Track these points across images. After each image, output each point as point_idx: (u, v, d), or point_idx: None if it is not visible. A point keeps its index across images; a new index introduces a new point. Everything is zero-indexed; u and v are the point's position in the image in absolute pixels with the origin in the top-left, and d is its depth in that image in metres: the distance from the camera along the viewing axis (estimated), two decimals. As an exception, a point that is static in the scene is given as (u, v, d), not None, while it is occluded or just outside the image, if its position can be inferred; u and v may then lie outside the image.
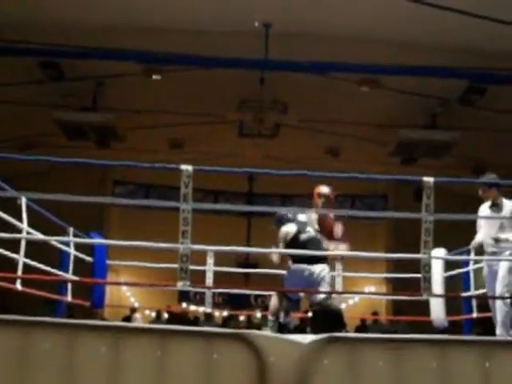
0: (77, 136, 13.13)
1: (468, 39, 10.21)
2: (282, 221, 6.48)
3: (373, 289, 17.42)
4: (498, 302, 6.02)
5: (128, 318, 13.55)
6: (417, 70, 10.99)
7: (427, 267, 5.03)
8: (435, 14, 9.35)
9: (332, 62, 10.74)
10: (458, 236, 7.24)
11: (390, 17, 9.93)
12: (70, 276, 7.30)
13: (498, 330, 5.96)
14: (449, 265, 7.24)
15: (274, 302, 6.32)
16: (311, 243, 6.21)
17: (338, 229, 6.35)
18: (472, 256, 6.87)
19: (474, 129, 12.40)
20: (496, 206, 6.27)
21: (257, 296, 18.13)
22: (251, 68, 11.18)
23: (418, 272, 5.12)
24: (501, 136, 12.56)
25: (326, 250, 6.25)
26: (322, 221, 6.37)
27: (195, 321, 13.97)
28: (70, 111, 12.54)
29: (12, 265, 6.03)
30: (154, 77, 11.80)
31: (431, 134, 12.79)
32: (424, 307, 6.89)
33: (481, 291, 6.91)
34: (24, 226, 6.02)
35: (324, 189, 6.53)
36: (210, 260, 7.44)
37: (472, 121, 12.34)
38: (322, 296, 5.98)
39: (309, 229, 6.34)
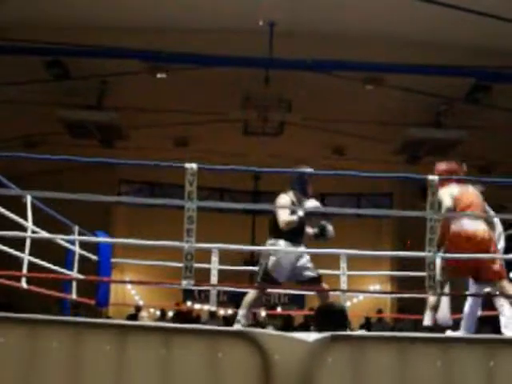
0: (81, 135, 13.16)
1: (473, 37, 10.20)
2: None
3: (377, 287, 17.42)
4: None
5: (133, 316, 13.56)
6: (422, 68, 10.98)
7: (432, 265, 5.03)
8: (440, 12, 9.34)
9: (336, 61, 10.74)
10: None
11: (395, 15, 9.94)
12: (75, 274, 7.32)
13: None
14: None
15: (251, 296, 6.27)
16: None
17: None
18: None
19: (479, 127, 12.38)
20: None
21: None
22: (256, 66, 11.20)
23: (423, 270, 5.12)
24: (506, 134, 12.54)
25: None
26: None
27: (197, 319, 13.99)
28: (75, 110, 12.56)
29: (17, 263, 6.05)
30: (159, 75, 11.82)
31: (436, 133, 12.78)
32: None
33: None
34: (29, 224, 6.04)
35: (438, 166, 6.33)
36: (215, 258, 7.44)
37: (477, 119, 12.32)
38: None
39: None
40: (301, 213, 6.03)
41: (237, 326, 5.95)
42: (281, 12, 10.07)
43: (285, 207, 6.11)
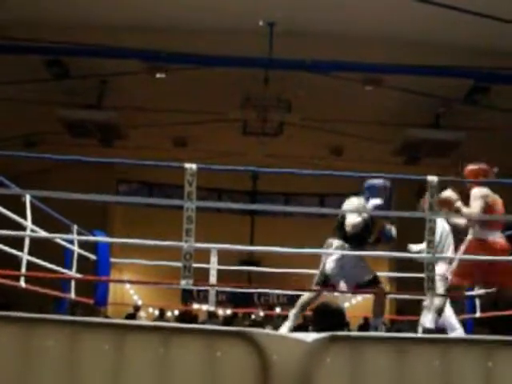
0: (81, 134, 13.17)
1: (472, 38, 10.21)
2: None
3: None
4: None
5: (131, 316, 13.56)
6: (421, 69, 10.99)
7: (431, 266, 5.03)
8: (439, 13, 9.35)
9: (336, 61, 10.75)
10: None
11: (394, 16, 9.94)
12: (73, 274, 7.31)
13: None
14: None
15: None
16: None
17: None
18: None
19: (478, 128, 12.39)
20: None
21: (260, 294, 18.16)
22: (255, 67, 11.20)
23: (422, 271, 5.12)
24: (505, 135, 12.55)
25: None
26: None
27: (195, 319, 13.99)
28: (74, 109, 12.57)
29: (16, 262, 6.04)
30: (158, 75, 11.81)
31: (435, 134, 12.79)
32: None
33: (484, 291, 6.91)
34: (28, 223, 6.03)
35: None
36: (214, 258, 7.43)
37: (476, 120, 12.33)
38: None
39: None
40: (365, 215, 5.92)
41: (285, 325, 5.89)
42: (280, 12, 10.07)
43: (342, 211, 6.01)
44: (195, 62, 11.34)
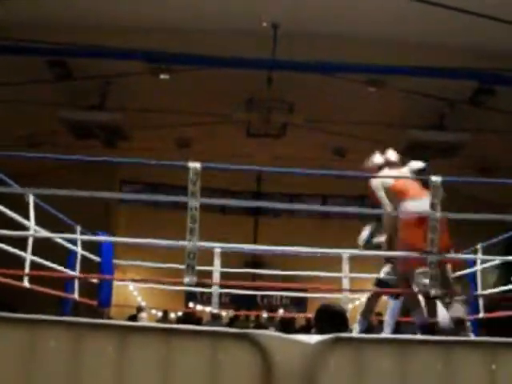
0: (84, 135, 13.16)
1: (477, 40, 10.20)
2: None
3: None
4: None
5: (133, 317, 13.54)
6: (425, 70, 10.98)
7: (433, 265, 5.02)
8: (444, 15, 9.34)
9: (340, 63, 10.74)
10: (465, 236, 7.22)
11: (399, 17, 9.93)
12: (77, 274, 7.31)
13: None
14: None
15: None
16: None
17: None
18: (479, 256, 6.87)
19: (482, 130, 12.36)
20: None
21: (263, 296, 18.15)
22: (259, 68, 11.20)
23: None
24: (510, 137, 12.52)
25: None
26: None
27: (198, 321, 13.97)
28: (78, 110, 12.56)
29: (19, 263, 6.04)
30: (162, 76, 11.82)
31: (440, 135, 12.76)
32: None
33: (488, 291, 6.91)
34: (31, 223, 6.03)
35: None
36: (217, 260, 7.44)
37: (481, 122, 12.31)
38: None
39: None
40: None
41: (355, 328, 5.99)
42: (284, 14, 10.07)
43: None
44: (199, 63, 11.34)
